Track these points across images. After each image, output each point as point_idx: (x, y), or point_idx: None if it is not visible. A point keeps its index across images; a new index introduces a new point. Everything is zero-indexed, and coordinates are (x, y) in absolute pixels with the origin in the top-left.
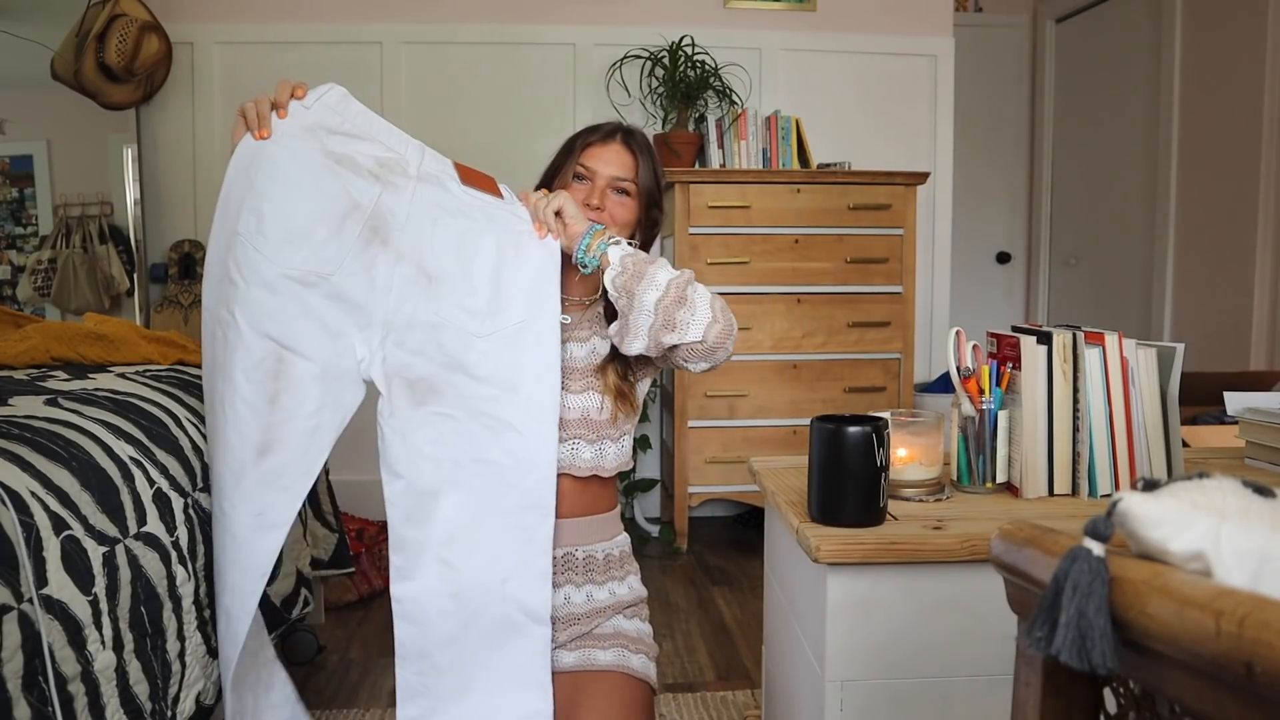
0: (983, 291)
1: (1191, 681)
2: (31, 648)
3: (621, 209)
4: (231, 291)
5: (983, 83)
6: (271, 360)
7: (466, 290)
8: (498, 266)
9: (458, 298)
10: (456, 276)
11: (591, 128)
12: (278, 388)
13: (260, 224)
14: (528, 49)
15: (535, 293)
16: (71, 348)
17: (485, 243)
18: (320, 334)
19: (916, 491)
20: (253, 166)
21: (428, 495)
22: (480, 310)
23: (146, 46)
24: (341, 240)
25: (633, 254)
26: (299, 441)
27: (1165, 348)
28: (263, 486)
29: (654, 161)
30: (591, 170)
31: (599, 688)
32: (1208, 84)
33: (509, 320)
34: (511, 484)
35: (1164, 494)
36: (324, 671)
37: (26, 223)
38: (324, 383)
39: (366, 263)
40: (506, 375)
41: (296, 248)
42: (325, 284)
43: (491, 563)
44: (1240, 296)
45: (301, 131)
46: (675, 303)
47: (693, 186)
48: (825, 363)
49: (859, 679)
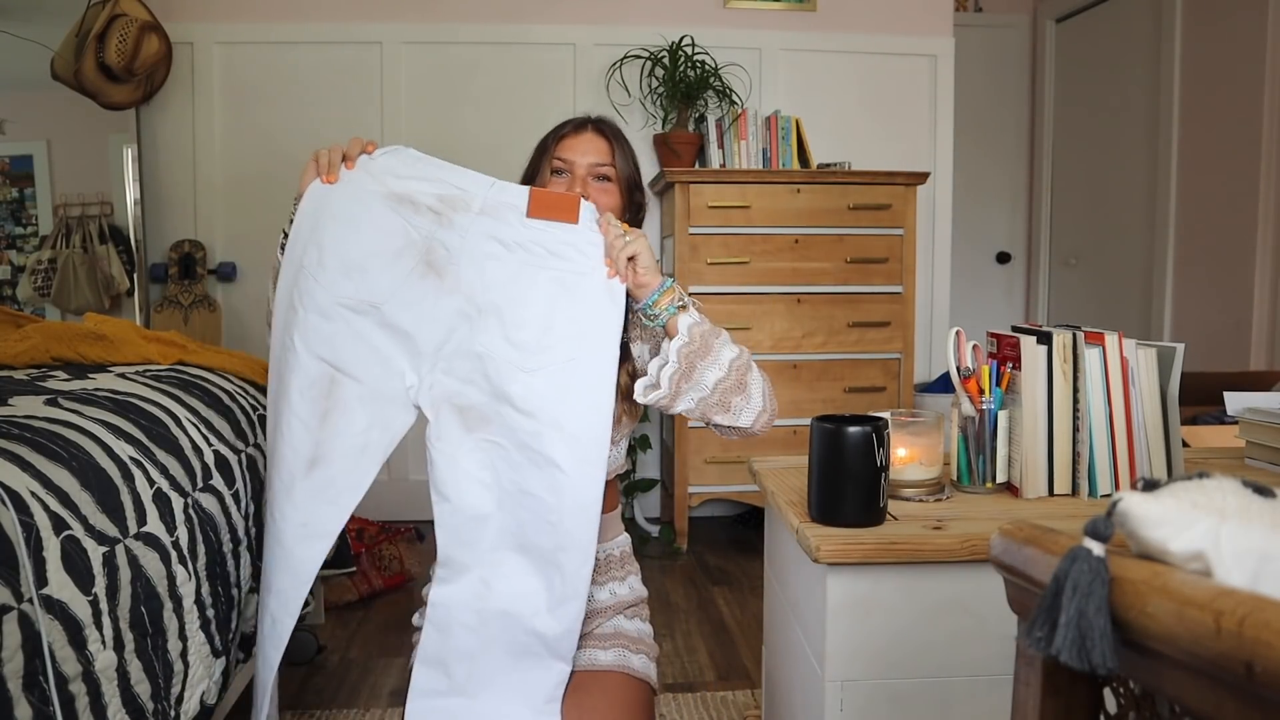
0: (983, 291)
1: (1191, 681)
2: (32, 648)
3: (604, 195)
4: (292, 318)
5: (983, 83)
6: (325, 381)
7: (515, 324)
8: (550, 302)
9: (505, 331)
10: (505, 310)
11: (561, 124)
12: (329, 406)
13: (321, 257)
14: (528, 49)
15: (592, 332)
16: (71, 348)
17: (540, 278)
18: (370, 358)
19: (916, 491)
20: (319, 208)
21: (476, 519)
22: (527, 344)
23: (146, 46)
24: (395, 273)
25: (699, 322)
26: (347, 457)
27: (1165, 348)
28: (311, 498)
29: (627, 146)
30: (569, 161)
31: (599, 687)
32: (1208, 84)
33: (557, 357)
34: (553, 523)
35: (1164, 494)
36: (324, 671)
37: (26, 223)
38: (373, 404)
39: (419, 294)
40: (551, 411)
41: (351, 279)
42: (376, 313)
43: (525, 595)
44: (1240, 296)
45: (367, 177)
46: (734, 387)
47: (693, 186)
48: (825, 363)
49: (859, 679)
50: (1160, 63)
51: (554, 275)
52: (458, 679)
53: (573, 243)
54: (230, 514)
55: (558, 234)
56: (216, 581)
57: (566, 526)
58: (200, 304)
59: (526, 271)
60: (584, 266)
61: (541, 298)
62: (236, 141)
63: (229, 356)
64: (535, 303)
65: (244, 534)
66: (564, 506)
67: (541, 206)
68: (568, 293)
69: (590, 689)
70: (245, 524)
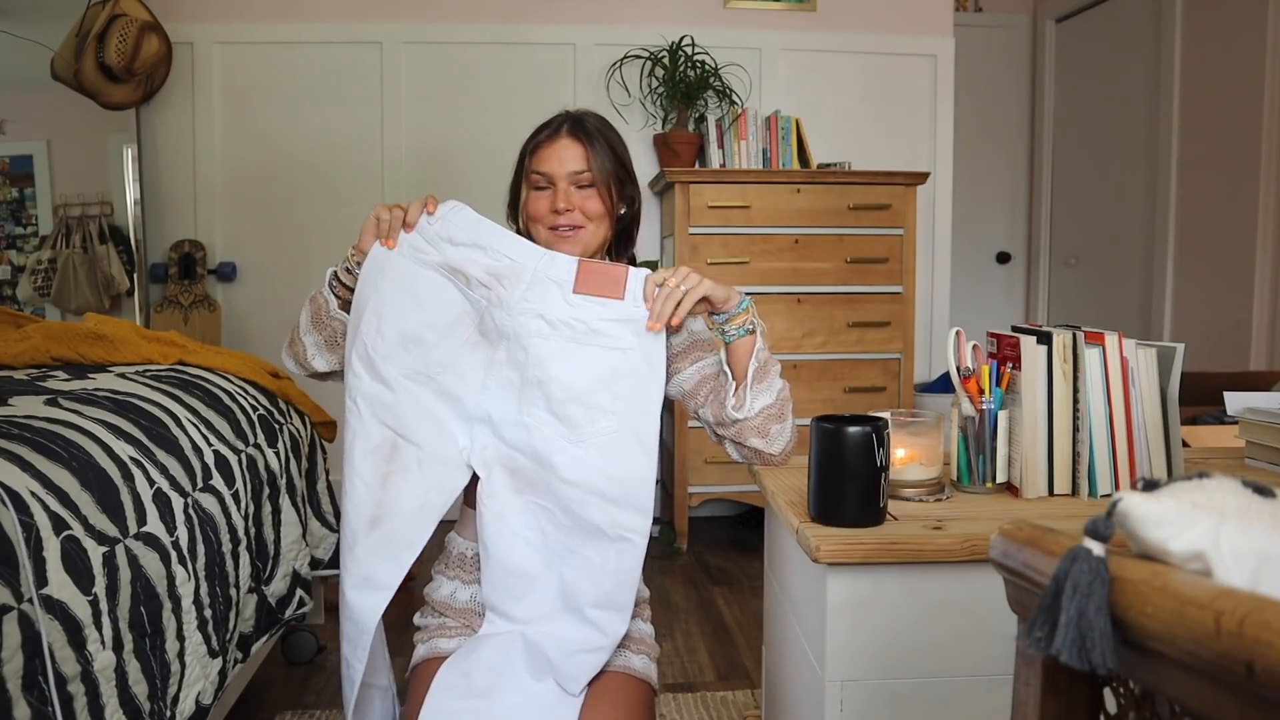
0: (983, 291)
1: (1191, 681)
2: (31, 648)
3: (589, 202)
4: (355, 383)
5: (983, 83)
6: (387, 446)
7: (559, 399)
8: (594, 378)
9: (550, 404)
10: (550, 385)
11: (537, 129)
12: (389, 469)
13: (379, 325)
14: (528, 49)
15: (634, 404)
16: (71, 348)
17: (582, 354)
18: (429, 424)
19: (916, 491)
20: (379, 274)
21: (524, 577)
22: (571, 419)
23: (146, 46)
24: (450, 343)
25: (763, 348)
26: (406, 518)
27: (1165, 348)
28: (371, 554)
29: (609, 141)
30: (546, 174)
31: (600, 687)
32: (1208, 84)
33: (600, 430)
34: (597, 584)
35: (1164, 494)
36: (324, 671)
37: (26, 223)
38: (431, 467)
39: (472, 364)
40: (593, 481)
41: (409, 351)
42: (433, 382)
43: (563, 640)
44: (1240, 296)
45: (423, 243)
46: (776, 416)
47: (693, 186)
48: (825, 363)
49: (859, 679)
50: (1160, 63)
51: (596, 352)
52: (477, 688)
53: (615, 318)
54: (230, 514)
55: (600, 311)
56: (215, 582)
57: (606, 588)
58: (200, 304)
59: (570, 349)
60: (625, 342)
61: (584, 373)
62: (236, 141)
63: (229, 356)
64: (578, 378)
65: (243, 534)
66: (609, 567)
67: (588, 283)
68: (610, 368)
69: (591, 689)
70: (245, 524)
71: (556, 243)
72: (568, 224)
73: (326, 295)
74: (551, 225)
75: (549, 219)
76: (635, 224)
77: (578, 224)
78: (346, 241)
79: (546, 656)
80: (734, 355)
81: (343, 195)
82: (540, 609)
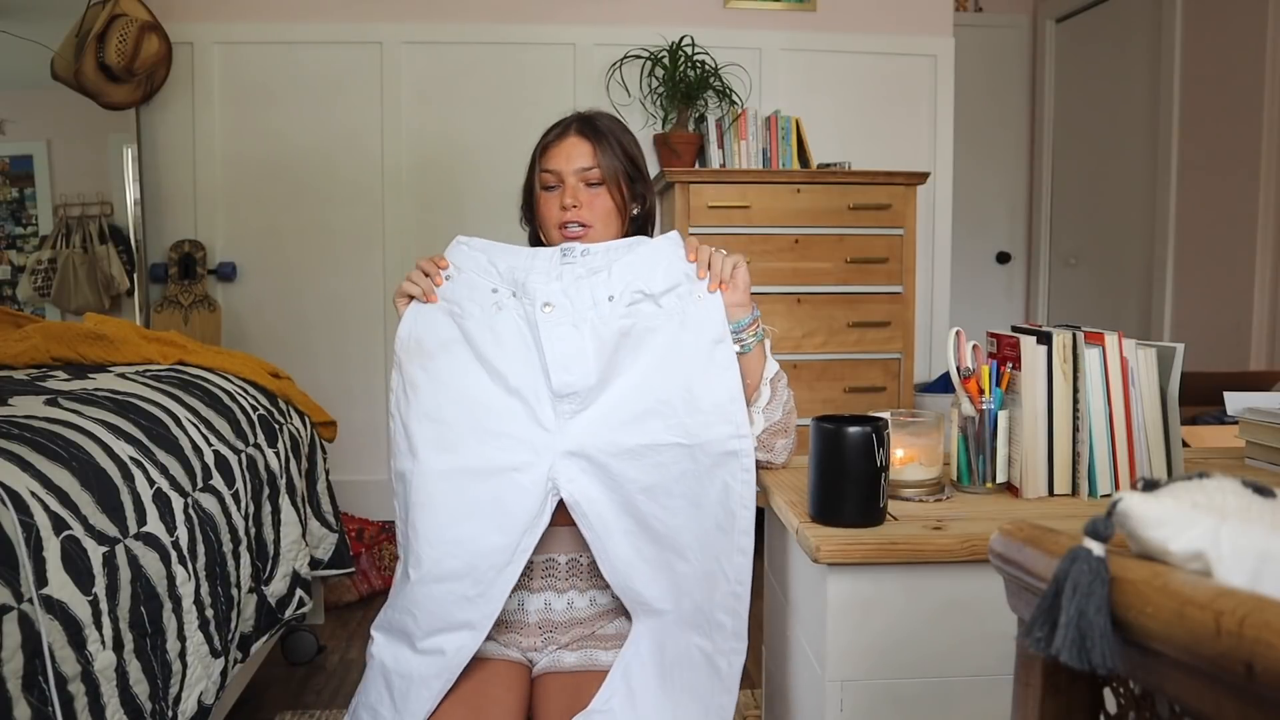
0: (983, 291)
1: (1191, 681)
2: (31, 648)
3: (598, 200)
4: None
5: (983, 83)
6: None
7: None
8: (687, 378)
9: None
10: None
11: (548, 130)
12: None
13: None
14: (528, 49)
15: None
16: (71, 348)
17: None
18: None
19: (916, 491)
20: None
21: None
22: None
23: (146, 46)
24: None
25: (773, 365)
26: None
27: (1165, 348)
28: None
29: (619, 139)
30: (555, 172)
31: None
32: (1208, 84)
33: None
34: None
35: (1164, 494)
36: (324, 671)
37: (26, 223)
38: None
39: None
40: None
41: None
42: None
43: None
44: (1240, 296)
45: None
46: (781, 432)
47: (693, 186)
48: (825, 363)
49: (859, 679)
50: (1160, 63)
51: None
52: None
53: (654, 293)
54: (230, 514)
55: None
56: (216, 581)
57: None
58: (200, 304)
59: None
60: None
61: (668, 377)
62: (236, 141)
63: (229, 357)
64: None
65: (244, 534)
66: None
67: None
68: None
69: (591, 689)
70: (245, 524)
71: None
72: (575, 221)
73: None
74: (560, 224)
75: (558, 217)
76: (650, 223)
77: (586, 222)
78: (346, 241)
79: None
80: (746, 369)
81: (343, 195)
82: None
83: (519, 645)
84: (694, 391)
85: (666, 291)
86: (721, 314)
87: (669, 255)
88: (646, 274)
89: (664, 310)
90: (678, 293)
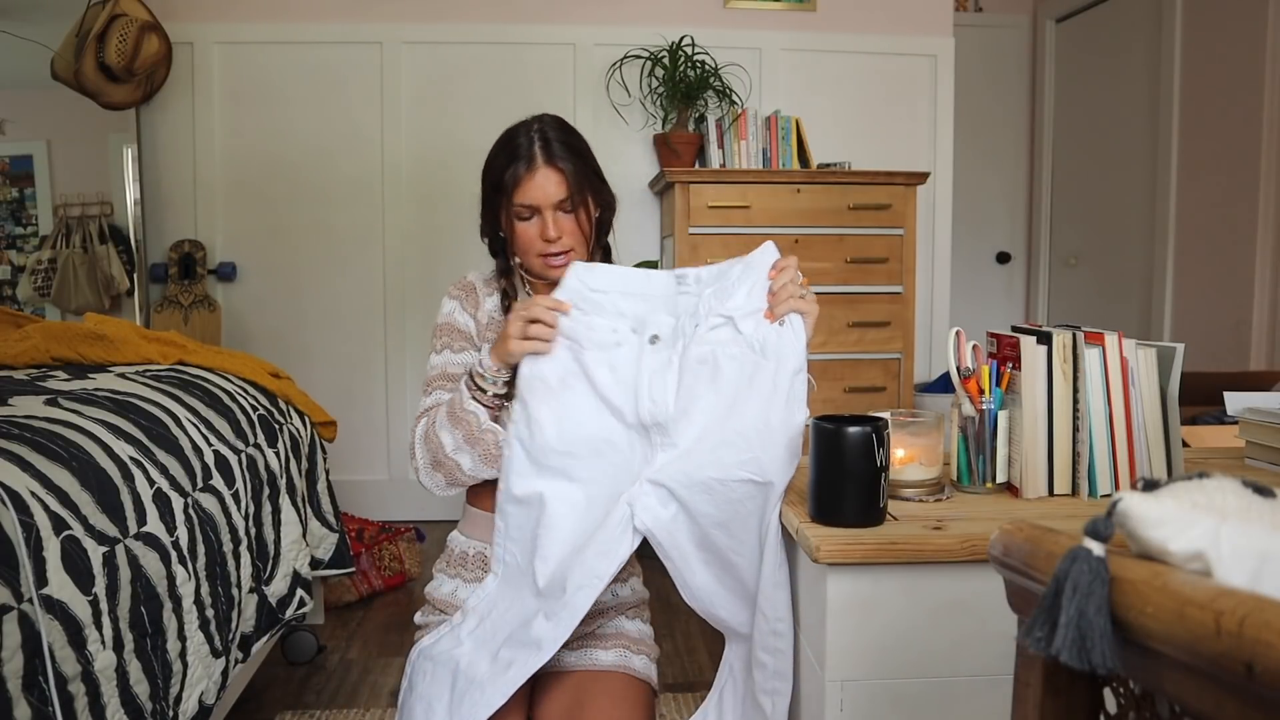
0: (983, 291)
1: (1191, 681)
2: (32, 648)
3: (577, 223)
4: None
5: (983, 83)
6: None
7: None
8: (765, 410)
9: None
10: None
11: (508, 157)
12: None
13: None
14: (528, 49)
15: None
16: (71, 348)
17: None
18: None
19: (916, 491)
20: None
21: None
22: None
23: (146, 46)
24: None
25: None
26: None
27: (1165, 348)
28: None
29: (580, 152)
30: (533, 207)
31: (601, 687)
32: (1208, 84)
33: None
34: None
35: (1164, 494)
36: (324, 671)
37: (26, 223)
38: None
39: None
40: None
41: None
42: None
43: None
44: (1240, 296)
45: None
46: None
47: (693, 186)
48: (825, 363)
49: (859, 679)
50: (1160, 63)
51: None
52: None
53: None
54: (230, 514)
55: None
56: (216, 581)
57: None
58: (200, 304)
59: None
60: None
61: (744, 414)
62: (236, 141)
63: (229, 357)
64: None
65: (244, 534)
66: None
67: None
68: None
69: (592, 689)
70: (245, 524)
71: (550, 270)
72: (559, 250)
73: (473, 409)
74: (543, 253)
75: (539, 246)
76: (606, 224)
77: (568, 248)
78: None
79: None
80: None
81: (343, 195)
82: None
83: None
84: (771, 425)
85: (748, 315)
86: (803, 343)
87: (758, 272)
88: (730, 293)
89: (743, 336)
90: (758, 318)
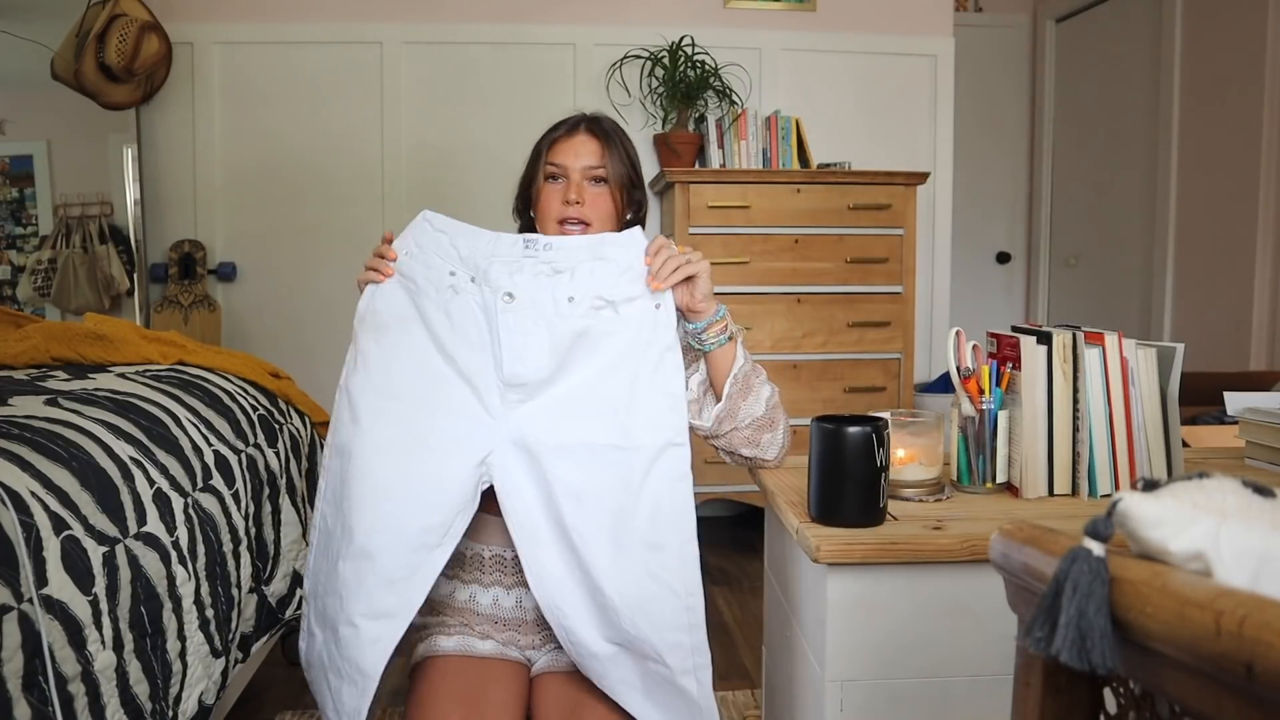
0: (983, 291)
1: (1191, 681)
2: (31, 648)
3: (600, 199)
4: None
5: (983, 83)
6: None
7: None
8: (633, 382)
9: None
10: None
11: (555, 125)
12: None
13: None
14: (528, 49)
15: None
16: (71, 348)
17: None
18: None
19: (916, 491)
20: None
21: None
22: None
23: (146, 46)
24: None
25: (745, 361)
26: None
27: (1165, 348)
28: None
29: (624, 145)
30: (562, 166)
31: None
32: (1208, 84)
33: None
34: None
35: (1164, 494)
36: None
37: (26, 223)
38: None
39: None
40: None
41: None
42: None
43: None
44: (1240, 296)
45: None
46: (766, 426)
47: (693, 186)
48: (825, 363)
49: (859, 679)
50: (1160, 63)
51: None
52: None
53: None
54: (230, 514)
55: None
56: (216, 581)
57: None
58: (200, 304)
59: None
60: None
61: (616, 388)
62: (236, 141)
63: (229, 356)
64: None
65: (244, 534)
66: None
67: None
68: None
69: (591, 689)
70: (245, 524)
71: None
72: (575, 217)
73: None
74: (560, 218)
75: (558, 211)
76: (641, 228)
77: (585, 219)
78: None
79: None
80: (714, 367)
81: (343, 195)
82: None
83: (518, 644)
84: (637, 396)
85: (628, 300)
86: (673, 320)
87: (632, 260)
88: (610, 282)
89: (622, 317)
90: (638, 304)
